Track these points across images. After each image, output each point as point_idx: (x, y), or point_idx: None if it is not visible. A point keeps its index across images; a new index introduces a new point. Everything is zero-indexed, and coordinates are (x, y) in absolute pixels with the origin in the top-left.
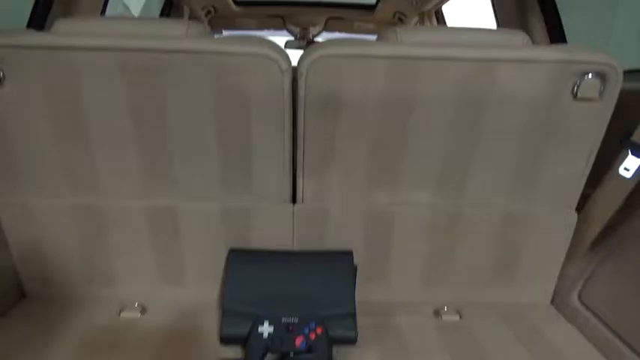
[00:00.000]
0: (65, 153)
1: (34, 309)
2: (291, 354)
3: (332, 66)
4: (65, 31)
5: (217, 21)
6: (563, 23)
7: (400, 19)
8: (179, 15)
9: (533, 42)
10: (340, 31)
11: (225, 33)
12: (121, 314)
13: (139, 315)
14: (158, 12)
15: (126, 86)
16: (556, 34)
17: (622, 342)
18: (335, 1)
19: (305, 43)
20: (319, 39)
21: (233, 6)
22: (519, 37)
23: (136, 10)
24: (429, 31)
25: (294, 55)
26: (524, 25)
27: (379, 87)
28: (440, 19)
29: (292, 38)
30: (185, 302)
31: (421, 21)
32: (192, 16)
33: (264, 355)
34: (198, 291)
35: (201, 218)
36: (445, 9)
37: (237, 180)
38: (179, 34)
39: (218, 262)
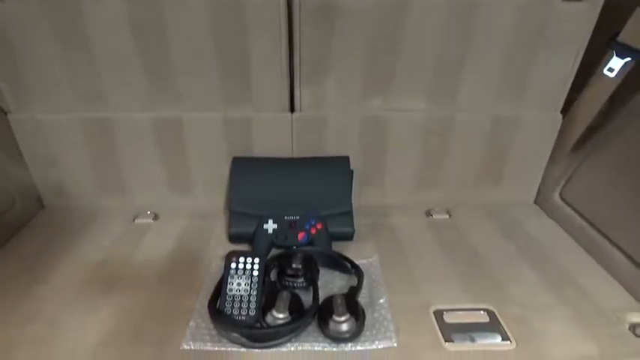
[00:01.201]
0: (71, 68)
1: (53, 218)
2: (294, 247)
3: None
4: None
5: None
6: None
7: None
8: None
9: None
10: None
11: None
12: (135, 220)
13: (152, 221)
14: None
15: (125, 0)
16: None
17: (597, 231)
18: None
19: None
20: None
21: None
22: None
23: None
24: None
25: None
26: None
27: None
28: None
29: None
30: (194, 209)
31: None
32: None
33: (270, 249)
34: (205, 198)
35: (204, 129)
36: None
37: (237, 91)
38: None
39: (222, 170)
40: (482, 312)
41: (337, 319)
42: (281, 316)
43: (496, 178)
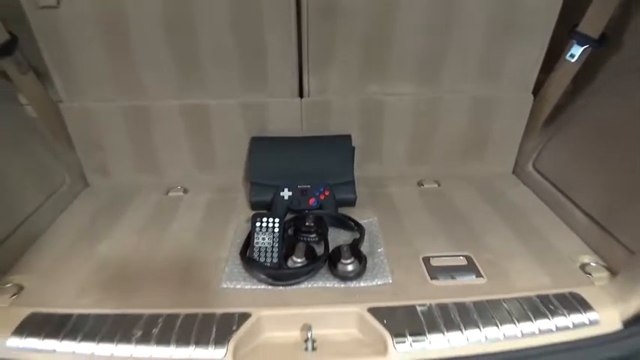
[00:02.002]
0: (114, 63)
1: (98, 194)
2: (306, 210)
3: None
4: None
5: None
6: None
7: None
8: None
9: None
10: None
11: None
12: (168, 194)
13: (182, 194)
14: None
15: (161, 3)
16: None
17: (563, 195)
18: None
19: None
20: None
21: None
22: None
23: None
24: None
25: None
26: None
27: None
28: None
29: None
30: (218, 183)
31: None
32: None
33: (286, 212)
34: (228, 173)
35: (226, 113)
36: None
37: (254, 79)
38: None
39: (242, 149)
40: (461, 257)
41: (344, 262)
42: (299, 260)
43: (479, 152)
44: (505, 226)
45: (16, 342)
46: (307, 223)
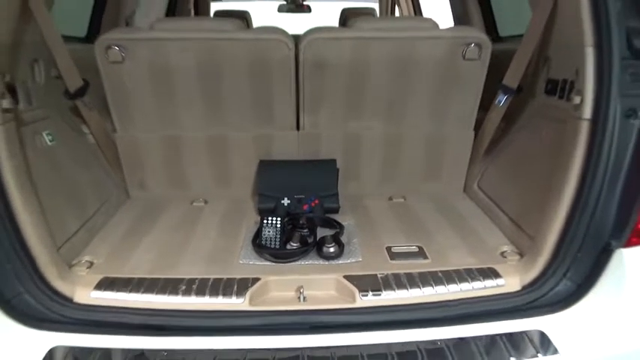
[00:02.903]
0: (158, 103)
1: (138, 204)
2: (301, 214)
3: (319, 45)
4: (160, 28)
5: None
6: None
7: None
8: None
9: (472, 24)
10: None
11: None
12: (193, 204)
13: (204, 204)
14: None
15: (196, 61)
16: (487, 21)
17: (495, 205)
18: None
19: (295, 6)
20: (307, 3)
21: None
22: (430, 22)
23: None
24: (377, 21)
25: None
26: (467, 14)
27: (347, 56)
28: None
29: (284, 3)
30: (233, 195)
31: None
32: None
33: (286, 215)
34: (241, 189)
35: (241, 142)
36: None
37: (263, 117)
38: (227, 28)
39: (252, 169)
40: (414, 247)
41: (327, 246)
42: (295, 245)
43: (436, 175)
44: (451, 228)
45: (97, 294)
46: (301, 222)
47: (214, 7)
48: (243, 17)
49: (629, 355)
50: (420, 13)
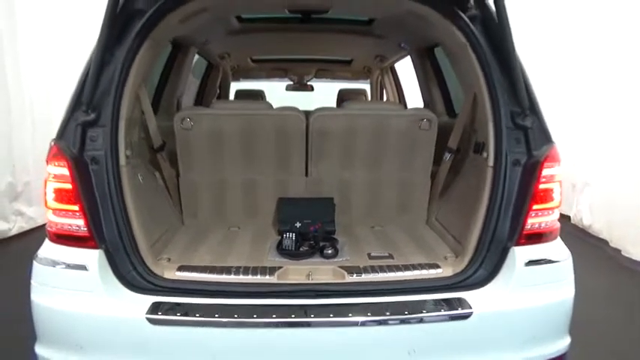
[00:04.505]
0: (211, 154)
1: (190, 230)
2: (310, 234)
3: (323, 119)
4: (216, 107)
5: (240, 73)
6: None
7: (368, 71)
8: (217, 71)
9: (432, 101)
10: (326, 78)
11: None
12: (229, 229)
13: (238, 229)
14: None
15: (239, 128)
16: (447, 103)
17: (446, 231)
18: (322, 59)
19: (300, 85)
20: (311, 83)
21: (251, 63)
22: (398, 106)
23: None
24: (362, 103)
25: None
26: (430, 92)
27: (341, 126)
28: (394, 73)
29: (291, 83)
30: (259, 224)
31: (381, 73)
32: (224, 71)
33: (298, 235)
34: (265, 218)
35: (266, 184)
36: (397, 66)
37: (282, 167)
38: (260, 107)
39: (273, 205)
40: (387, 253)
41: (327, 249)
42: (305, 249)
43: (406, 210)
44: (414, 244)
45: (178, 273)
46: (309, 237)
47: (234, 86)
48: (259, 95)
49: (518, 311)
50: (402, 94)
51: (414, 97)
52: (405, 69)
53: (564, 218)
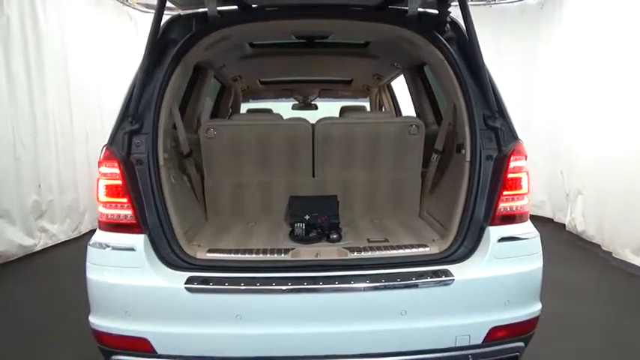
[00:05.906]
0: (230, 160)
1: (213, 226)
2: (317, 225)
3: (326, 127)
4: (236, 119)
5: (249, 94)
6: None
7: (367, 89)
8: (229, 92)
9: (423, 112)
10: (329, 97)
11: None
12: (248, 224)
13: (254, 224)
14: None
15: (255, 137)
16: (435, 111)
17: (435, 220)
18: (325, 79)
19: (305, 105)
20: (315, 102)
21: (259, 85)
22: (390, 114)
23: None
24: (360, 113)
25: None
26: (421, 105)
27: (342, 133)
28: (390, 90)
29: (297, 102)
30: (273, 219)
31: (379, 91)
32: (236, 92)
33: (308, 225)
34: (278, 214)
35: (279, 185)
36: (394, 84)
37: (293, 169)
38: (273, 118)
39: (285, 202)
40: (383, 238)
41: (332, 235)
42: (313, 235)
43: (400, 205)
44: (407, 232)
45: (209, 254)
46: (317, 227)
47: (244, 107)
48: (269, 112)
49: (492, 278)
50: (399, 109)
51: (410, 113)
52: (402, 87)
53: (560, 226)
